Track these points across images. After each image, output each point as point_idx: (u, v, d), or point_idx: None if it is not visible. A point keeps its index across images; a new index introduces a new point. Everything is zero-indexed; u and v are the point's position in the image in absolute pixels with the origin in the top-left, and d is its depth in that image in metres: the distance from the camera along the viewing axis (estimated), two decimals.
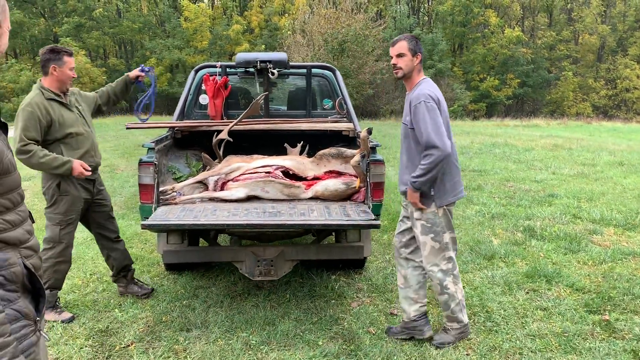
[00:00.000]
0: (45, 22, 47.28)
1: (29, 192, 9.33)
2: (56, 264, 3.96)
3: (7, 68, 40.62)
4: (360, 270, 5.05)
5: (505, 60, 45.23)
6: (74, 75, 3.88)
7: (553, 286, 4.58)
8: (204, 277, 4.93)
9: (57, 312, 4.03)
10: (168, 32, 45.82)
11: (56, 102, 3.84)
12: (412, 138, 3.47)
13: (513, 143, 16.04)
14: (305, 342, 3.68)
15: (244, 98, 5.96)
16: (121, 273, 4.40)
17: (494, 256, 5.34)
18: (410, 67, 3.43)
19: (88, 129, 4.05)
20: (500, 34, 45.42)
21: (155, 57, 42.56)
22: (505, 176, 9.98)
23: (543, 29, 50.22)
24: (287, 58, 5.13)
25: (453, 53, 48.78)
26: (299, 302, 4.34)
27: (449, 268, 3.51)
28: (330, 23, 31.55)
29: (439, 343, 3.57)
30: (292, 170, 4.32)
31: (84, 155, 3.95)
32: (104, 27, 45.10)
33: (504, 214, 7.01)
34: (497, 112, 42.57)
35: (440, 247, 3.48)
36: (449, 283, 3.51)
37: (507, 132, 21.64)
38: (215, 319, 4.03)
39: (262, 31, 45.87)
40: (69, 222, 3.98)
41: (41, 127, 3.72)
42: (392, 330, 3.77)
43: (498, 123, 30.47)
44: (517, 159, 12.53)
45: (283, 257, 4.07)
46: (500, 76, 45.10)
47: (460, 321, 3.60)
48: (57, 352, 3.54)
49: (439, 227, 3.45)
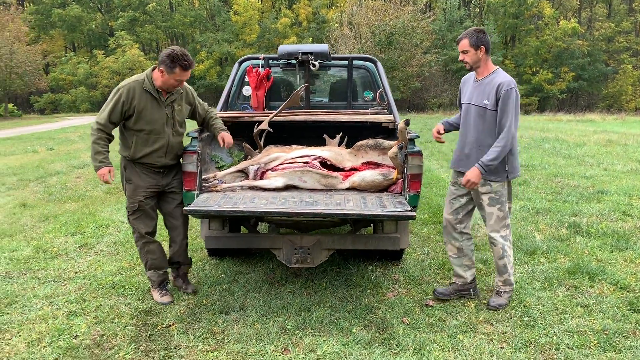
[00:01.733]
0: (102, 16, 48.92)
1: (82, 179, 9.78)
2: (144, 246, 4.15)
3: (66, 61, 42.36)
4: (398, 261, 5.07)
5: (560, 53, 43.74)
6: (179, 86, 3.95)
7: (596, 283, 4.47)
8: (244, 263, 5.08)
9: (160, 293, 4.21)
10: (218, 25, 46.66)
11: (150, 95, 3.89)
12: (488, 119, 3.80)
13: (564, 138, 15.60)
14: (339, 329, 3.74)
15: (286, 89, 6.05)
16: (173, 265, 4.43)
17: (535, 252, 5.25)
18: (475, 60, 3.82)
19: (169, 130, 4.00)
20: (554, 26, 43.93)
21: (205, 50, 43.42)
22: (554, 171, 9.72)
23: (601, 20, 48.24)
24: (328, 50, 5.18)
25: (505, 45, 47.52)
26: (334, 291, 4.41)
27: (507, 234, 3.97)
28: (378, 15, 31.36)
29: (496, 305, 3.98)
30: (329, 161, 4.37)
31: (151, 153, 3.97)
32: (156, 21, 46.34)
33: (549, 210, 6.85)
34: (550, 107, 41.25)
35: (503, 216, 3.92)
36: (507, 248, 3.95)
37: (559, 126, 21.02)
38: (253, 303, 4.16)
39: (310, 24, 46.07)
40: (134, 209, 4.07)
41: (122, 113, 3.84)
42: (439, 290, 4.18)
43: (550, 117, 29.61)
44: (567, 154, 12.18)
45: (320, 246, 4.14)
46: (554, 69, 43.69)
47: (512, 284, 4.04)
48: (103, 329, 3.74)
49: (504, 197, 3.91)
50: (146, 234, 4.14)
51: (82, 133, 19.98)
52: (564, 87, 43.34)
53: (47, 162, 11.97)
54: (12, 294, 4.34)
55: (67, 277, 4.75)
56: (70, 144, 16.02)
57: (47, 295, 4.33)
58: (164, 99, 3.94)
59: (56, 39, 47.31)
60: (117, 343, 3.56)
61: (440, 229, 6.17)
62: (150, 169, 4.05)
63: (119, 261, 5.14)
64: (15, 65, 34.76)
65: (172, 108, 4.01)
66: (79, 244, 5.70)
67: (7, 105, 37.70)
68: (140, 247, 4.19)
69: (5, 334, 3.69)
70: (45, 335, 3.66)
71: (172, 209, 4.23)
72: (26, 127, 24.58)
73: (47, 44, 45.29)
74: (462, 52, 3.82)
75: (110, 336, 3.66)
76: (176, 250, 4.36)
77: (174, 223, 4.30)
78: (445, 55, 39.63)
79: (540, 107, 41.80)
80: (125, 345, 3.53)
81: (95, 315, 3.99)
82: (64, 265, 5.04)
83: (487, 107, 3.77)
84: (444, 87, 40.52)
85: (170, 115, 4.00)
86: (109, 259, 5.21)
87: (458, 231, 4.14)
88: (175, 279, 4.47)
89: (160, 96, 3.93)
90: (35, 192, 8.61)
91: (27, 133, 20.89)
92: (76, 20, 44.90)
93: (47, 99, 42.20)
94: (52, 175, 10.17)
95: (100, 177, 3.93)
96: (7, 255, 5.27)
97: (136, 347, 3.51)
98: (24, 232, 6.18)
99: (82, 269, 4.96)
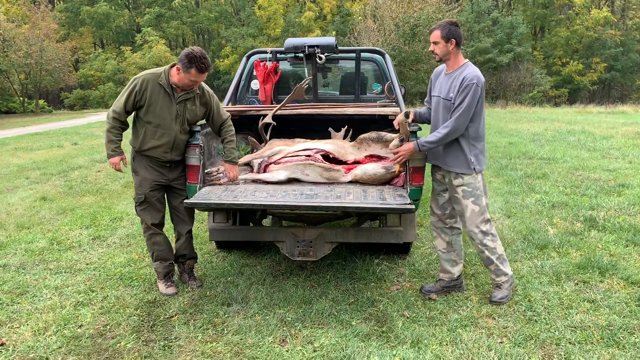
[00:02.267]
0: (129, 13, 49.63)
1: (103, 172, 9.98)
2: (151, 237, 4.22)
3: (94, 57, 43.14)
4: (405, 255, 5.04)
5: (591, 43, 42.64)
6: (194, 86, 3.98)
7: (606, 278, 4.36)
8: (251, 256, 5.12)
9: (165, 284, 4.27)
10: (243, 20, 46.86)
11: (163, 89, 3.95)
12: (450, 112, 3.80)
13: (591, 130, 15.22)
14: (339, 321, 3.75)
15: (295, 83, 6.06)
16: (179, 258, 4.47)
17: (547, 246, 5.15)
18: (444, 52, 3.81)
19: (177, 127, 4.01)
20: (585, 15, 42.85)
21: (230, 45, 43.69)
22: (575, 165, 9.50)
23: (635, 9, 46.76)
24: (335, 42, 5.15)
25: (534, 36, 46.63)
26: (338, 283, 4.41)
27: (488, 229, 3.89)
28: (402, 7, 31.04)
29: (499, 299, 3.94)
30: (332, 154, 4.36)
31: (157, 147, 4.01)
32: (182, 17, 46.77)
33: (565, 203, 6.71)
34: (581, 98, 40.26)
35: (480, 210, 3.85)
36: (488, 241, 3.88)
37: (587, 119, 20.52)
38: (255, 295, 4.19)
39: (334, 17, 45.90)
40: (141, 201, 4.13)
41: (134, 102, 3.92)
42: (427, 287, 4.18)
43: (580, 110, 28.87)
44: (592, 147, 11.88)
45: (322, 239, 4.15)
46: (585, 60, 42.62)
47: (506, 273, 3.96)
48: (107, 319, 3.82)
49: (479, 190, 3.84)
50: (152, 225, 4.19)
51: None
52: (596, 79, 42.26)
53: (71, 157, 12.25)
54: (24, 285, 4.46)
55: (78, 268, 4.86)
56: (95, 139, 16.34)
57: (57, 286, 4.44)
58: (177, 96, 3.98)
59: (85, 36, 48.26)
60: (119, 333, 3.64)
61: None
62: (156, 162, 4.10)
63: (129, 253, 5.24)
64: (45, 62, 35.58)
65: (184, 106, 4.03)
66: (92, 236, 5.83)
67: (38, 102, 38.65)
68: (147, 237, 4.27)
69: (14, 323, 3.80)
70: (52, 324, 3.75)
71: (178, 204, 4.25)
72: (55, 123, 25.16)
73: (77, 41, 46.20)
74: (432, 42, 3.83)
75: (113, 326, 3.73)
76: (182, 244, 4.40)
77: (180, 217, 4.35)
78: (472, 47, 39.05)
79: (570, 99, 40.86)
80: (127, 335, 3.60)
81: (101, 305, 4.08)
82: (76, 256, 5.16)
83: (452, 101, 3.77)
84: None
85: (181, 112, 4.02)
86: (120, 251, 5.31)
87: (448, 226, 4.13)
88: (182, 273, 4.51)
89: (174, 92, 3.98)
90: (56, 185, 8.82)
91: (55, 128, 21.39)
92: (104, 17, 45.70)
93: (76, 95, 43.12)
94: (74, 169, 10.40)
95: (112, 165, 4.05)
96: (23, 247, 5.42)
97: (137, 337, 3.58)
98: (41, 224, 6.34)
99: (93, 260, 5.07)
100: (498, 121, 20.18)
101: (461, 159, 3.80)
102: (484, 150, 3.89)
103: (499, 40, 40.22)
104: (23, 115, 34.15)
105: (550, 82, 40.01)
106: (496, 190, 7.68)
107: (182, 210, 4.27)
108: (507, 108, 31.01)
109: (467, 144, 3.78)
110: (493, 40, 39.97)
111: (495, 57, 39.23)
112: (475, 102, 3.69)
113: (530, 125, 17.91)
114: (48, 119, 30.13)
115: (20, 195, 8.05)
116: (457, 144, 3.79)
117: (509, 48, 39.85)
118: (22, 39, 34.94)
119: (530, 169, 9.25)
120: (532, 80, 38.97)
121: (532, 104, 34.52)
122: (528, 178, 8.46)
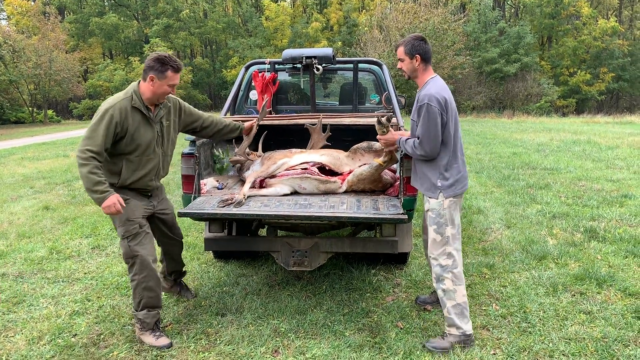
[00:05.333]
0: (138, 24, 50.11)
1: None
2: (144, 280, 3.56)
3: (103, 68, 43.52)
4: (402, 265, 5.02)
5: (599, 53, 42.54)
6: (172, 92, 3.60)
7: (603, 290, 4.33)
8: (249, 266, 5.12)
9: (155, 335, 3.62)
10: (250, 31, 47.21)
11: (140, 112, 3.52)
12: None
13: (596, 140, 15.15)
14: (332, 332, 3.74)
15: (297, 93, 6.08)
16: (172, 275, 4.31)
17: (545, 257, 5.12)
18: (411, 69, 3.53)
19: (159, 150, 3.67)
20: (593, 25, 42.77)
21: (237, 56, 43.98)
22: (578, 175, 9.45)
23: None
24: (332, 53, 5.18)
25: (541, 46, 46.56)
26: (333, 294, 4.40)
27: (448, 265, 3.47)
28: (408, 18, 31.11)
29: (431, 346, 3.46)
30: (328, 166, 4.36)
31: (143, 177, 3.62)
32: (190, 28, 47.16)
33: (566, 214, 6.67)
34: (589, 108, 40.12)
35: (441, 241, 3.48)
36: (446, 280, 3.47)
37: (593, 129, 20.42)
38: (250, 305, 4.19)
39: (341, 28, 46.10)
40: (135, 232, 3.54)
41: (114, 136, 3.39)
42: (422, 298, 4.08)
43: (587, 120, 28.78)
44: (596, 157, 11.82)
45: (317, 249, 4.14)
46: (592, 70, 42.50)
47: (459, 327, 3.45)
48: (102, 328, 3.84)
49: (443, 219, 3.46)
50: (152, 262, 3.59)
51: None
52: (603, 89, 42.10)
53: (75, 166, 12.27)
54: (21, 294, 4.49)
55: (75, 277, 4.89)
56: None
57: (54, 295, 4.46)
58: (153, 116, 3.59)
59: (94, 47, 48.72)
60: (113, 342, 3.65)
61: None
62: (139, 193, 3.69)
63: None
64: (54, 72, 35.92)
65: (161, 125, 3.66)
66: (92, 245, 5.86)
67: (47, 112, 38.99)
68: (138, 282, 3.56)
69: (9, 332, 3.82)
70: (46, 333, 3.77)
71: (169, 227, 3.99)
72: (62, 133, 25.37)
73: (85, 52, 46.67)
74: (398, 59, 3.58)
75: (107, 335, 3.75)
76: (175, 265, 4.23)
77: (171, 241, 4.07)
78: (478, 57, 39.06)
79: (578, 109, 40.72)
80: (121, 344, 3.61)
81: (96, 314, 4.09)
82: (75, 266, 5.19)
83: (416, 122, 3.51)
84: (477, 89, 39.90)
85: (160, 132, 3.66)
86: (118, 260, 5.33)
87: None
88: (172, 287, 4.39)
89: (150, 113, 3.57)
90: (59, 195, 8.89)
91: (62, 138, 21.57)
92: (113, 28, 46.15)
93: (85, 105, 43.44)
94: (78, 179, 10.47)
95: (108, 209, 3.29)
96: (23, 256, 5.46)
97: (130, 346, 3.59)
98: (42, 233, 6.38)
99: (91, 269, 5.09)
100: (503, 131, 20.13)
101: (427, 179, 3.50)
102: (458, 174, 3.46)
103: (505, 50, 40.22)
104: (32, 125, 34.46)
105: (558, 92, 39.88)
106: (497, 200, 7.65)
107: (175, 232, 4.05)
108: (513, 118, 30.95)
109: (436, 167, 3.45)
110: (500, 50, 39.95)
111: (502, 67, 39.21)
112: (433, 123, 3.30)
113: (536, 135, 17.85)
114: (56, 128, 30.38)
115: (24, 204, 8.12)
116: (426, 165, 3.50)
117: (516, 58, 39.82)
118: (32, 49, 35.33)
119: (533, 179, 9.20)
120: (539, 90, 38.87)
121: (539, 114, 34.43)
122: (530, 188, 8.42)
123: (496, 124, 25.63)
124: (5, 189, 9.46)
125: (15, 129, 30.66)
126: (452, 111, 3.42)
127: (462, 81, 38.92)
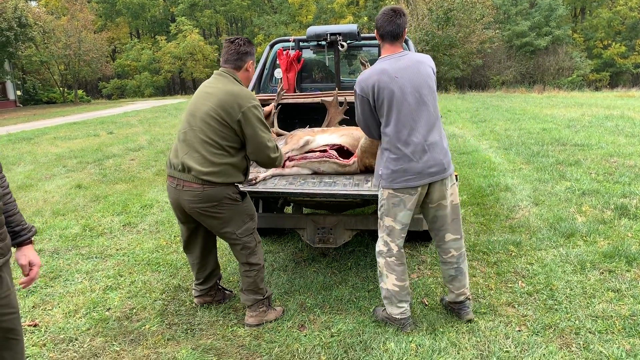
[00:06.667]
0: (164, 2, 50.20)
1: (136, 161, 10.23)
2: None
3: (130, 47, 43.93)
4: (427, 243, 5.03)
5: (635, 24, 41.05)
6: None
7: (633, 268, 4.27)
8: (275, 242, 5.20)
9: (273, 310, 3.70)
10: (275, 7, 46.89)
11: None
12: None
13: (630, 115, 14.72)
14: (357, 307, 3.79)
15: (322, 71, 6.06)
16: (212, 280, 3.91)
17: (573, 234, 5.06)
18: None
19: None
20: None
21: (262, 33, 43.82)
22: (610, 151, 9.23)
23: None
24: (357, 30, 5.13)
25: (574, 18, 45.18)
26: (359, 271, 4.45)
27: (383, 251, 3.44)
28: None
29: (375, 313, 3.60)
30: (346, 147, 4.36)
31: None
32: (215, 5, 47.04)
33: (596, 191, 6.55)
34: (623, 82, 38.94)
35: (381, 226, 3.45)
36: (380, 264, 3.46)
37: (628, 103, 19.82)
38: (277, 281, 4.27)
39: (367, 2, 45.42)
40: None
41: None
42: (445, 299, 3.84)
43: (621, 94, 27.91)
44: (630, 132, 11.50)
45: (342, 226, 4.18)
46: (628, 42, 41.13)
47: (386, 309, 3.47)
48: (134, 303, 3.97)
49: (382, 208, 3.41)
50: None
51: (142, 117, 20.83)
52: (639, 61, 40.73)
53: (106, 145, 12.59)
54: (57, 269, 4.66)
55: (108, 253, 5.04)
56: (130, 128, 16.73)
57: (88, 271, 4.62)
58: None
59: (121, 27, 49.19)
60: (144, 316, 3.77)
61: (477, 210, 6.07)
62: None
63: (157, 239, 5.39)
64: (83, 52, 36.46)
65: None
66: (123, 222, 6.02)
67: (77, 92, 39.70)
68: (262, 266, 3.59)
69: (47, 305, 3.98)
70: (82, 307, 3.92)
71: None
72: (92, 112, 25.84)
73: (113, 32, 47.18)
74: None
75: (139, 309, 3.87)
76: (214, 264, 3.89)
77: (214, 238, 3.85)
78: (508, 30, 38.14)
79: (611, 83, 39.56)
80: (152, 318, 3.73)
81: (128, 289, 4.23)
82: (107, 242, 5.35)
83: None
84: (507, 63, 39.08)
85: None
86: (149, 237, 5.47)
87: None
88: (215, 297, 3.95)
89: None
90: (91, 173, 9.11)
91: (92, 118, 21.98)
92: (139, 7, 46.44)
93: (113, 85, 44.12)
94: (109, 158, 10.71)
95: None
96: (58, 233, 5.65)
97: (162, 320, 3.70)
98: (75, 211, 6.58)
99: (123, 246, 5.24)
100: (533, 107, 19.71)
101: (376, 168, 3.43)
102: (397, 165, 3.22)
103: (536, 23, 39.15)
104: (63, 105, 35.15)
105: (591, 65, 38.81)
106: (525, 177, 7.55)
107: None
108: (544, 93, 30.23)
109: (380, 154, 3.37)
110: (530, 23, 38.92)
111: (533, 40, 38.25)
112: (360, 110, 3.27)
113: (567, 110, 17.44)
114: (86, 108, 30.95)
115: (57, 183, 8.35)
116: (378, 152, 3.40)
117: (547, 31, 38.77)
118: (61, 30, 35.89)
119: (563, 155, 9.04)
120: (571, 64, 37.88)
121: (570, 89, 33.57)
122: (559, 165, 8.28)
123: (526, 99, 25.08)
124: (40, 168, 9.74)
125: (48, 109, 31.36)
126: (387, 99, 3.18)
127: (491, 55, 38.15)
